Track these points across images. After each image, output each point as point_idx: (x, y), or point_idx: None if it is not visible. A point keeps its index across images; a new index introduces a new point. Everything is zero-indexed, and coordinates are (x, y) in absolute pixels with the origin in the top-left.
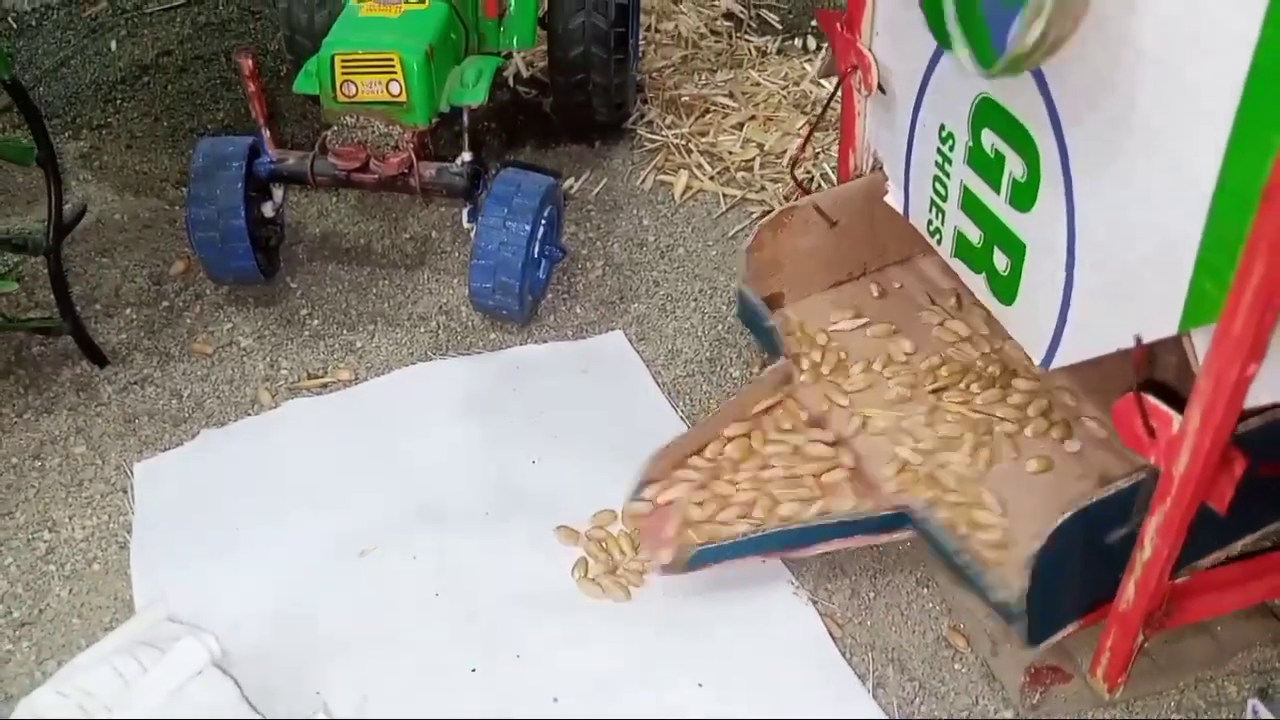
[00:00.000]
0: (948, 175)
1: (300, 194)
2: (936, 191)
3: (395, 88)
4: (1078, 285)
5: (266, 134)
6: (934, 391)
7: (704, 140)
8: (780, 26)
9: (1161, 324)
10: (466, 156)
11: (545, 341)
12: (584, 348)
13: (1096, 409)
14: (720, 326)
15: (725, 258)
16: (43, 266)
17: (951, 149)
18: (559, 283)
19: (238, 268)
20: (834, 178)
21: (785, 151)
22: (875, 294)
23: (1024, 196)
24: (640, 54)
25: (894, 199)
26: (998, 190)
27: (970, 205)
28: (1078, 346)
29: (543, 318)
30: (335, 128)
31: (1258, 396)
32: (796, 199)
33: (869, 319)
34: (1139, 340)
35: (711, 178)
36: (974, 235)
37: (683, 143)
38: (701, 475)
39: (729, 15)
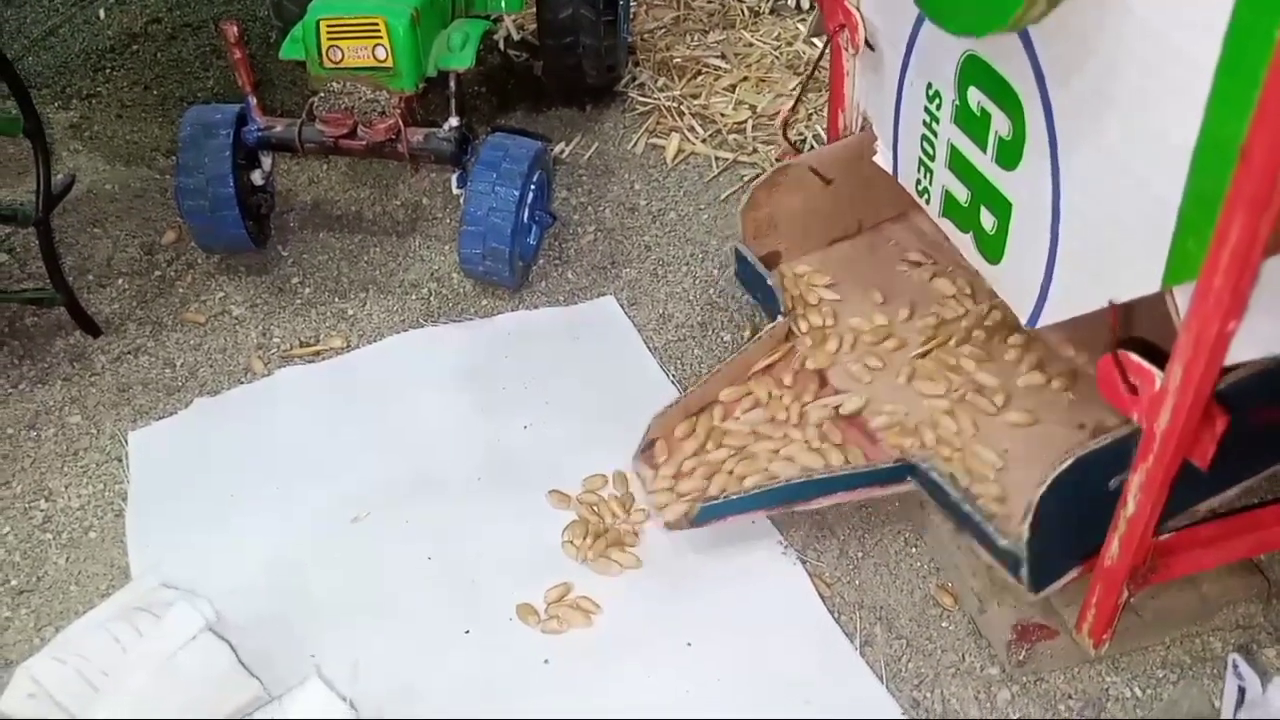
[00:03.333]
0: (935, 134)
1: (290, 161)
2: (924, 151)
3: (381, 53)
4: (1063, 243)
5: (253, 101)
6: (927, 351)
7: (696, 102)
8: None
9: (1144, 281)
10: (454, 122)
11: (537, 307)
12: (576, 313)
13: (1093, 360)
14: (711, 291)
15: (717, 221)
16: (34, 238)
17: (938, 107)
18: (550, 248)
19: (228, 236)
20: (826, 138)
21: (778, 113)
22: (870, 251)
23: (1010, 155)
24: (631, 15)
25: (883, 159)
26: (984, 149)
27: (957, 164)
28: (1064, 304)
29: (534, 283)
30: (322, 94)
31: (1238, 353)
32: (790, 159)
33: (864, 278)
34: (1112, 304)
35: (704, 141)
36: (961, 194)
37: (675, 105)
38: (704, 432)
39: None
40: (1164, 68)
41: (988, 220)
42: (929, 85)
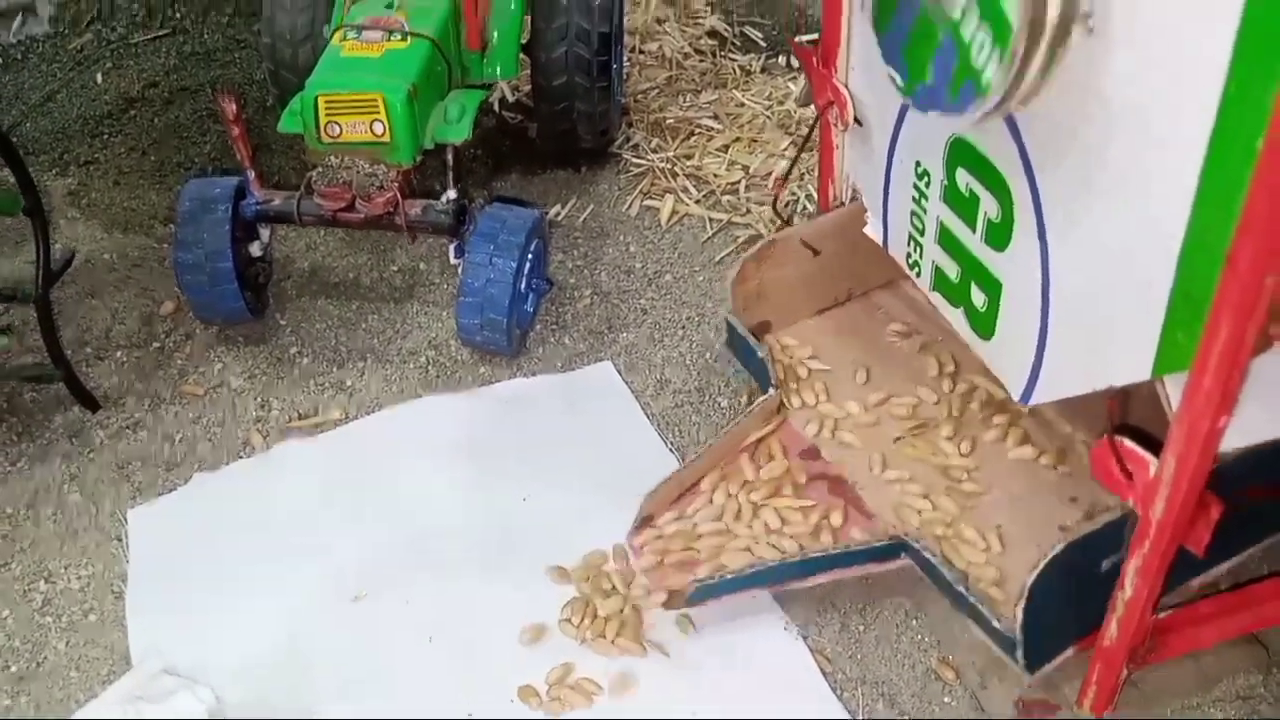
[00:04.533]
0: (924, 211)
1: (288, 228)
2: (914, 226)
3: (379, 128)
4: (1053, 326)
5: (252, 175)
6: (918, 427)
7: (689, 163)
8: (764, 44)
9: (1135, 369)
10: (452, 194)
11: (534, 374)
12: (573, 380)
13: (1086, 433)
14: (708, 354)
15: (712, 284)
16: (33, 311)
17: (927, 185)
18: (547, 313)
19: (227, 309)
20: (817, 198)
21: (770, 174)
22: (860, 320)
23: (999, 236)
24: (625, 77)
25: (874, 230)
26: (973, 229)
27: (947, 242)
28: (1056, 385)
29: (531, 350)
30: (320, 168)
31: (1229, 442)
32: (779, 230)
33: (854, 349)
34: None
35: (697, 201)
36: (951, 271)
37: (668, 166)
38: (698, 510)
39: (713, 33)
40: (1149, 159)
41: (978, 298)
42: (918, 163)
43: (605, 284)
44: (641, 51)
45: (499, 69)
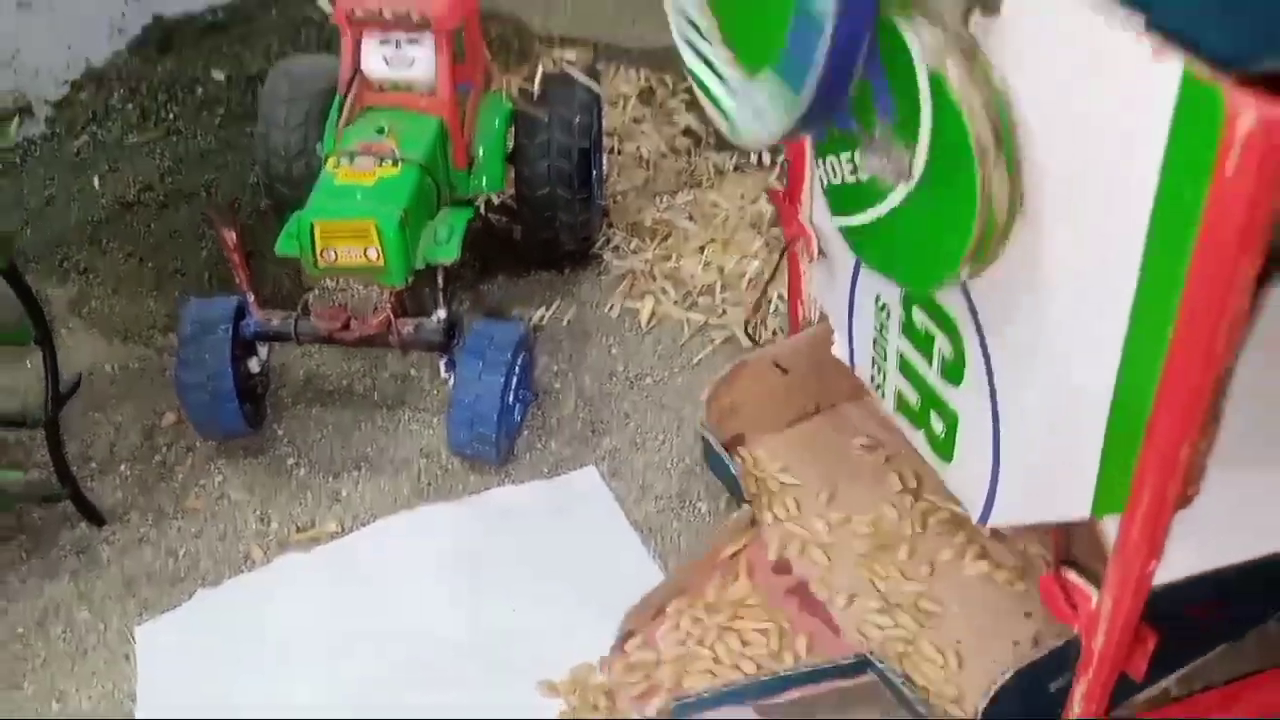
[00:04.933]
0: (886, 341)
1: None
2: (877, 351)
3: (373, 253)
4: (1004, 460)
5: (251, 298)
6: (879, 546)
7: (668, 264)
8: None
9: (1076, 509)
10: (441, 314)
11: (522, 481)
12: (559, 487)
13: (1042, 548)
14: (688, 459)
15: (690, 387)
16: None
17: (887, 318)
18: (534, 418)
19: (227, 426)
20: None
21: (744, 274)
22: (828, 433)
23: (953, 373)
24: (605, 180)
25: (840, 351)
26: (930, 363)
27: (907, 371)
28: (1009, 512)
29: (520, 456)
30: (317, 290)
31: (1164, 576)
32: (751, 350)
33: (823, 463)
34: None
35: (675, 303)
36: (912, 398)
37: (647, 268)
38: (677, 627)
39: (688, 131)
40: (1080, 332)
41: (937, 425)
42: (878, 296)
43: (589, 388)
44: (620, 152)
45: (485, 182)
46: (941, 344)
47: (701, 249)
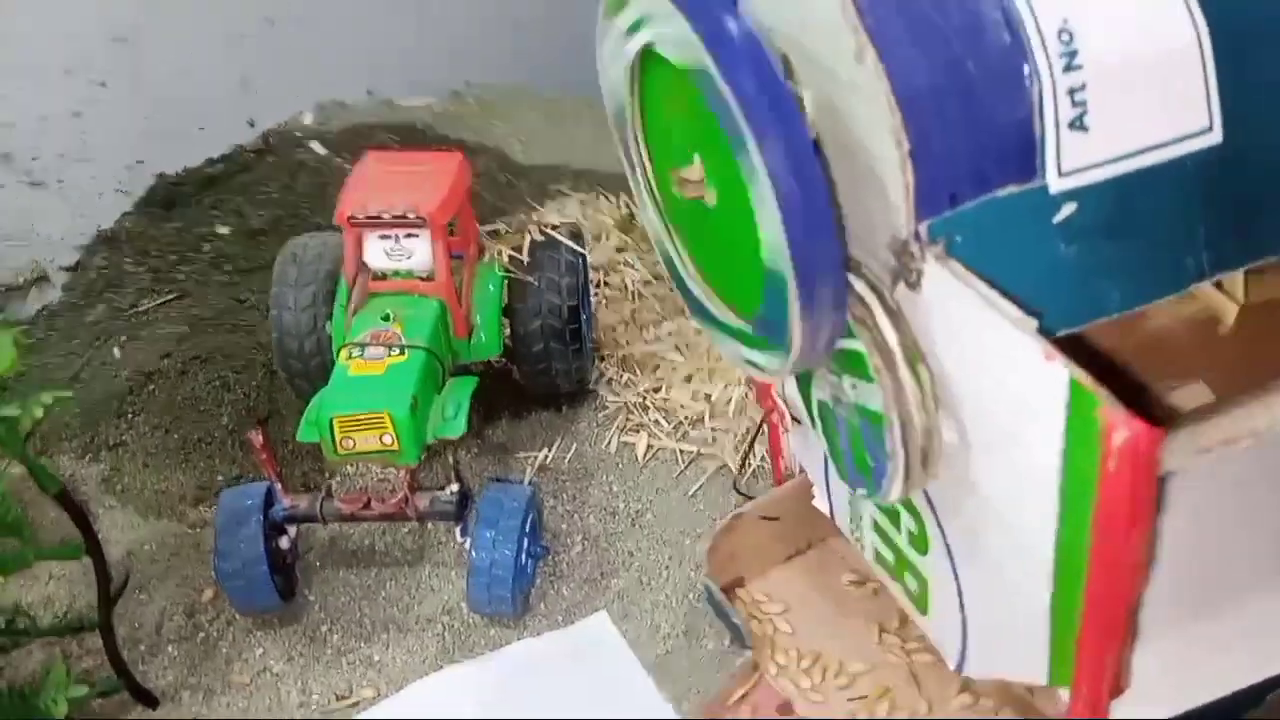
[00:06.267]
0: (859, 504)
1: None
2: (853, 511)
3: (388, 439)
4: (970, 625)
5: (279, 487)
6: (881, 692)
7: (658, 396)
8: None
9: (1036, 675)
10: (455, 487)
11: (539, 632)
12: (574, 635)
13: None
14: (691, 595)
15: (688, 520)
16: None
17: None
18: (545, 564)
19: (264, 603)
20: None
21: (730, 400)
22: (819, 570)
23: (920, 544)
24: (593, 321)
25: (820, 504)
26: (898, 530)
27: (880, 534)
28: (982, 667)
29: (534, 605)
30: (339, 478)
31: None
32: (741, 505)
33: (817, 602)
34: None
35: (668, 434)
36: (888, 555)
37: (640, 400)
38: None
39: None
40: (1016, 538)
41: (912, 583)
42: None
43: (593, 528)
44: (606, 284)
45: (485, 349)
46: (906, 519)
47: (689, 378)
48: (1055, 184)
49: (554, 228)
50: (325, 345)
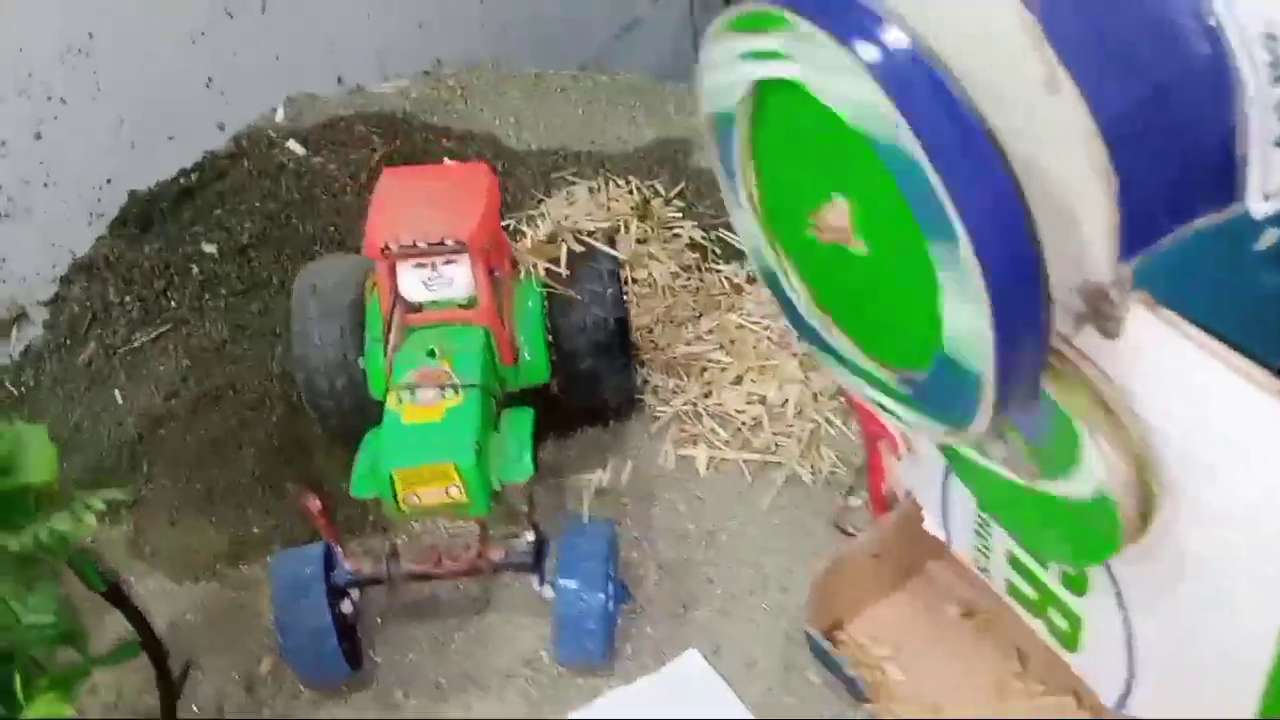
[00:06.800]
0: (990, 535)
1: None
2: (980, 543)
3: (455, 491)
4: (1140, 668)
5: (340, 551)
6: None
7: (710, 401)
8: (741, 246)
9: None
10: (530, 536)
11: (629, 677)
12: (668, 679)
13: None
14: (783, 621)
15: (766, 537)
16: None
17: (989, 525)
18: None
19: (333, 676)
20: (836, 422)
21: (786, 401)
22: (920, 603)
23: (1076, 584)
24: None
25: (933, 527)
26: (1046, 568)
27: (1019, 568)
28: (1153, 710)
29: (619, 648)
30: (404, 539)
31: None
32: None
33: (927, 641)
34: None
35: (727, 443)
36: (1028, 591)
37: (690, 408)
38: None
39: (693, 245)
40: (1229, 615)
41: (1059, 621)
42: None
43: (665, 554)
44: (634, 281)
45: (534, 374)
46: None
47: (738, 379)
48: (1259, 208)
49: (590, 234)
50: (359, 381)
